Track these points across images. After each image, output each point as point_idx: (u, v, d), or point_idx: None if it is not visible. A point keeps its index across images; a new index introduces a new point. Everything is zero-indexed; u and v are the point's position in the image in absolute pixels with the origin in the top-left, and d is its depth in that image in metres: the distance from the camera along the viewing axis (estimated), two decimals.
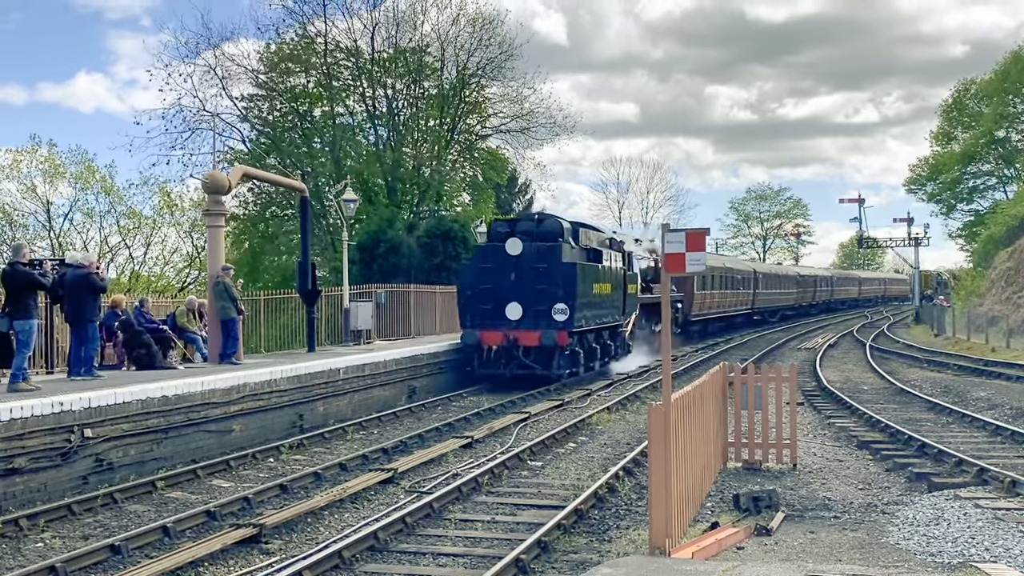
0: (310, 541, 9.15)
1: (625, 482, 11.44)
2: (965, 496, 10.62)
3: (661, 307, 8.84)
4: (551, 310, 21.68)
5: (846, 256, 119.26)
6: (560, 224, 23.08)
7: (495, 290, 22.05)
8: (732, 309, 45.67)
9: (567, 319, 21.65)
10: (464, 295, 22.94)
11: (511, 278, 21.95)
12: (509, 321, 21.91)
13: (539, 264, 21.86)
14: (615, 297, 25.38)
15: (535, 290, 21.77)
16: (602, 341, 25.12)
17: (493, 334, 22.01)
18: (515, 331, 21.85)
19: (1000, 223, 50.05)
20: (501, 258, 22.14)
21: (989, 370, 25.74)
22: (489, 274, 22.21)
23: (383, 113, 40.00)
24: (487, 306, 22.06)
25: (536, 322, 21.78)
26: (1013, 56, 62.55)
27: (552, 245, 22.12)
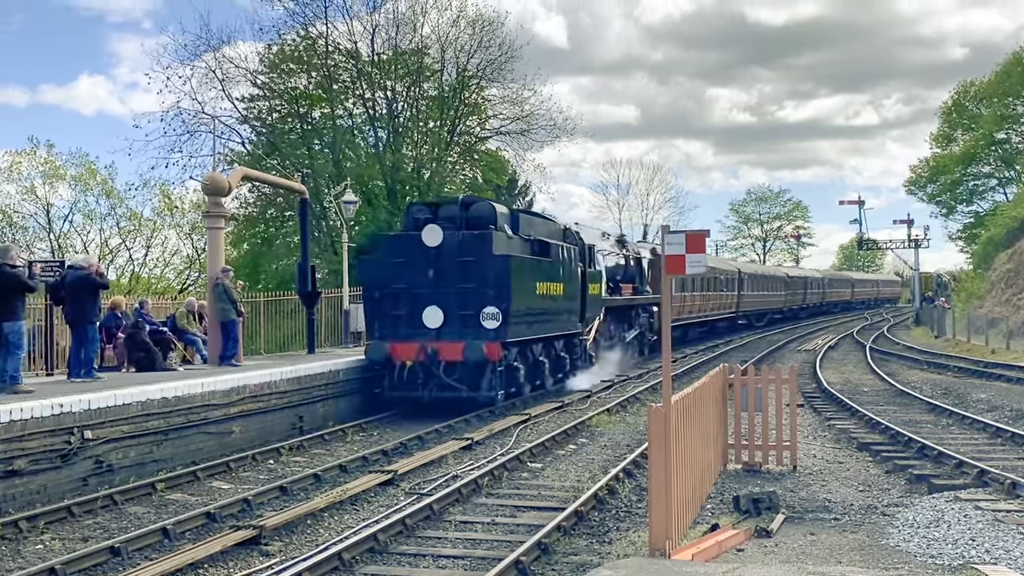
0: (310, 543, 9.14)
1: (625, 484, 11.43)
2: (965, 498, 10.62)
3: (662, 309, 8.84)
4: (480, 315, 17.52)
5: (846, 258, 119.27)
6: (493, 208, 19.08)
7: (409, 291, 17.88)
8: (714, 313, 42.51)
9: (500, 327, 17.49)
10: (370, 298, 18.59)
11: (429, 276, 17.76)
12: (427, 330, 17.70)
13: (465, 257, 17.69)
14: (570, 299, 21.24)
15: (460, 291, 17.64)
16: (553, 353, 21.03)
17: (407, 347, 17.67)
18: (435, 342, 17.58)
19: (1000, 225, 50.05)
20: (416, 250, 17.87)
21: (989, 372, 25.74)
22: (402, 271, 17.94)
23: (383, 115, 40.00)
24: (399, 312, 17.91)
25: (461, 331, 17.60)
26: (1013, 57, 62.56)
27: (481, 234, 17.85)
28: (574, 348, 22.28)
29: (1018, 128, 64.39)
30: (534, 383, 20.01)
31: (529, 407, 18.41)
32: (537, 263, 19.48)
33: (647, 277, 30.87)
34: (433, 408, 17.59)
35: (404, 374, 17.79)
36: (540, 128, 41.61)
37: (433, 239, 17.82)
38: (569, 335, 21.73)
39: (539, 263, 19.57)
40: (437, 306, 17.71)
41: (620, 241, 29.35)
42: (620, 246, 28.78)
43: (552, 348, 20.90)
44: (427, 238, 17.88)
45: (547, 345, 20.51)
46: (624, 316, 27.57)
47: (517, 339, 18.29)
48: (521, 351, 18.89)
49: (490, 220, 18.54)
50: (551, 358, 20.88)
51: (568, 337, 21.72)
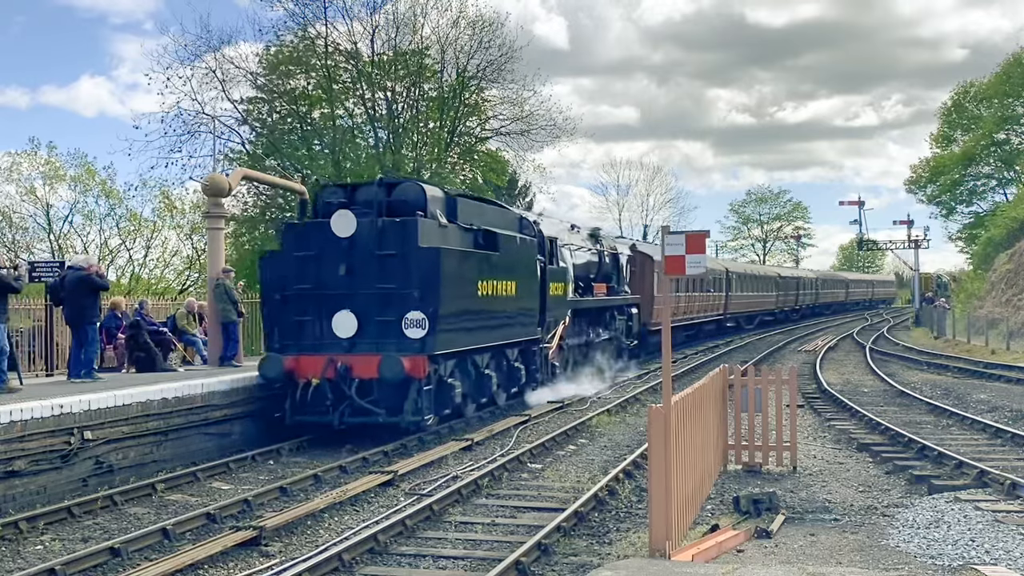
0: (310, 543, 9.14)
1: (625, 484, 11.43)
2: (965, 498, 10.62)
3: (661, 310, 8.83)
4: (402, 322, 14.42)
5: (846, 259, 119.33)
6: (421, 190, 15.61)
7: (316, 293, 14.79)
8: (701, 315, 39.63)
9: (427, 336, 14.35)
10: (269, 301, 15.27)
11: (340, 273, 14.65)
12: (337, 341, 14.62)
13: (384, 251, 14.57)
14: (525, 300, 18.17)
15: (378, 292, 14.52)
16: (505, 364, 17.83)
17: (311, 361, 14.52)
18: (346, 356, 14.43)
19: (1000, 225, 50.09)
20: (325, 242, 14.74)
21: (989, 372, 25.75)
22: (306, 268, 14.86)
23: (383, 115, 40.00)
24: (304, 317, 14.84)
25: (379, 342, 14.47)
26: (1014, 58, 62.59)
27: (404, 222, 14.67)
28: (532, 357, 19.06)
29: (1018, 129, 64.41)
30: (479, 401, 17.03)
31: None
32: (480, 258, 16.25)
33: (625, 276, 28.03)
34: (350, 435, 14.63)
35: (309, 395, 14.51)
36: (540, 129, 41.61)
37: (345, 228, 14.63)
38: (525, 342, 18.55)
39: (483, 258, 16.32)
40: (350, 311, 14.56)
41: (593, 235, 25.57)
42: (593, 241, 25.22)
43: (503, 358, 17.72)
44: (337, 227, 14.65)
45: (496, 355, 17.34)
46: (597, 319, 24.45)
47: (451, 350, 15.13)
48: (459, 364, 15.79)
49: (418, 205, 15.21)
50: (502, 370, 17.70)
51: (524, 344, 18.54)
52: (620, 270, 27.26)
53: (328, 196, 16.02)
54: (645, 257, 31.25)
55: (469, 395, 16.49)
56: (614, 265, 26.56)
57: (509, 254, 17.44)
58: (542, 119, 41.43)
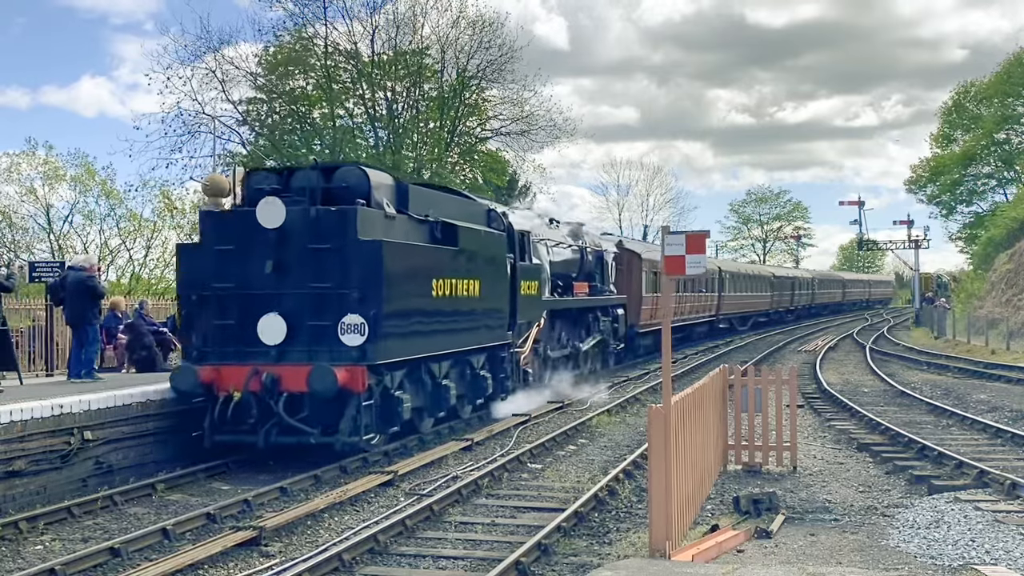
0: (310, 543, 9.14)
1: (625, 485, 11.43)
2: (965, 499, 10.62)
3: (661, 309, 8.83)
4: (338, 327, 12.52)
5: (846, 259, 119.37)
6: (364, 176, 13.57)
7: (239, 293, 12.91)
8: (692, 316, 37.86)
9: (367, 342, 12.44)
10: (186, 302, 13.34)
11: (266, 271, 12.73)
12: (264, 348, 12.68)
13: (318, 244, 12.67)
14: (492, 301, 16.49)
15: (311, 292, 12.67)
16: (468, 374, 16.03)
17: (233, 372, 12.58)
18: (273, 366, 12.49)
19: (1000, 225, 50.09)
20: (250, 234, 12.77)
21: (989, 372, 25.75)
22: (228, 264, 12.94)
23: (383, 115, 40.02)
24: (225, 321, 12.91)
25: (312, 349, 12.60)
26: (1015, 58, 62.59)
27: (342, 211, 12.76)
28: (501, 364, 17.27)
29: (1018, 128, 64.42)
30: (437, 415, 15.08)
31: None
32: (437, 253, 14.59)
33: (610, 275, 26.30)
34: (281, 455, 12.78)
35: (230, 410, 12.53)
36: (540, 129, 41.67)
37: (272, 218, 12.61)
38: (493, 347, 16.81)
39: (440, 253, 14.66)
40: (278, 314, 12.64)
41: (575, 231, 23.89)
42: (574, 237, 23.58)
43: (466, 366, 15.93)
44: (264, 216, 12.62)
45: (458, 363, 15.55)
46: (578, 321, 22.77)
47: (399, 358, 13.29)
48: (411, 374, 13.88)
49: (360, 192, 13.27)
50: (465, 380, 15.92)
51: (492, 350, 16.83)
52: (605, 268, 25.67)
53: (258, 181, 13.81)
54: (632, 255, 30.06)
55: (425, 408, 14.63)
56: (598, 263, 25.10)
57: (472, 249, 15.68)
58: (542, 119, 41.51)
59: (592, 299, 23.72)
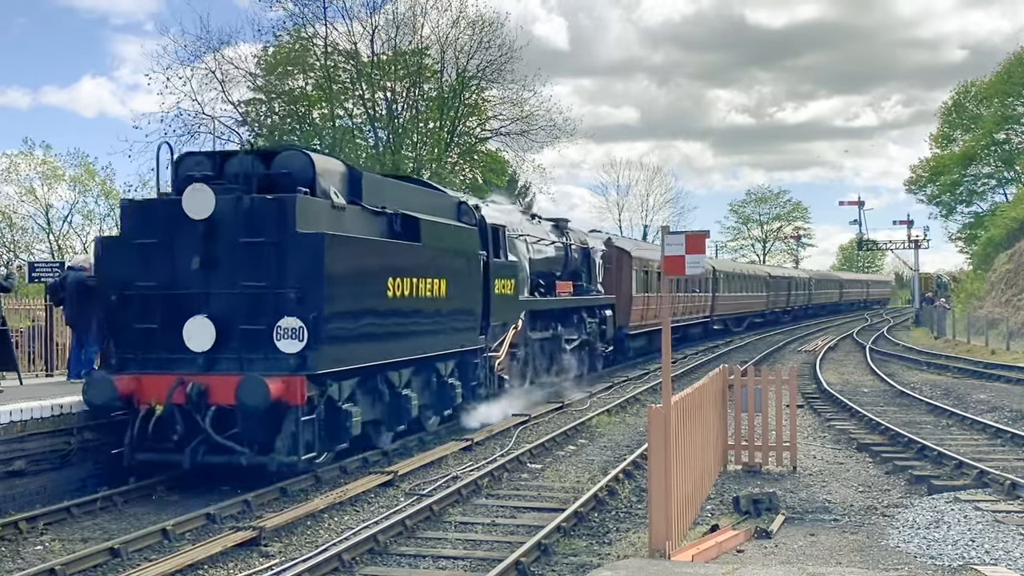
0: (310, 544, 9.14)
1: (625, 485, 11.43)
2: (965, 499, 10.62)
3: (661, 310, 8.83)
4: (273, 332, 11.06)
5: (846, 259, 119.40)
6: (308, 161, 12.16)
7: (163, 292, 11.47)
8: (685, 317, 36.15)
9: (307, 348, 11.02)
10: (105, 303, 11.92)
11: (193, 267, 11.37)
12: (190, 355, 11.26)
13: (252, 237, 11.25)
14: (462, 301, 15.15)
15: (245, 292, 11.26)
16: (434, 382, 14.75)
17: (155, 382, 11.19)
18: (201, 376, 11.09)
19: (1000, 225, 50.09)
20: (176, 226, 11.42)
21: (989, 372, 25.76)
22: (153, 259, 11.53)
23: (383, 116, 40.02)
24: (147, 324, 11.46)
25: (245, 357, 11.19)
26: (1015, 58, 62.58)
27: (279, 200, 11.35)
28: (473, 370, 15.91)
29: (1018, 128, 64.43)
30: (397, 428, 13.66)
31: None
32: (393, 249, 13.09)
33: (598, 274, 25.11)
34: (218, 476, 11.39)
35: (152, 425, 11.10)
36: (540, 129, 41.64)
37: (200, 207, 11.20)
38: (463, 352, 15.47)
39: (397, 249, 13.17)
40: (207, 316, 11.21)
41: (558, 227, 22.62)
42: (558, 233, 22.31)
43: (431, 374, 14.60)
44: (191, 205, 11.21)
45: (421, 370, 14.16)
46: (562, 322, 21.44)
47: (346, 366, 11.80)
48: (363, 384, 12.45)
49: (303, 179, 11.86)
50: (430, 388, 14.63)
51: (461, 355, 15.48)
52: (592, 267, 24.50)
53: (189, 167, 12.28)
54: (621, 252, 28.68)
55: (382, 421, 13.29)
56: (584, 261, 23.99)
57: (438, 245, 14.29)
58: (542, 119, 41.48)
59: (576, 299, 22.53)
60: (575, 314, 22.53)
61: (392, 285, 12.85)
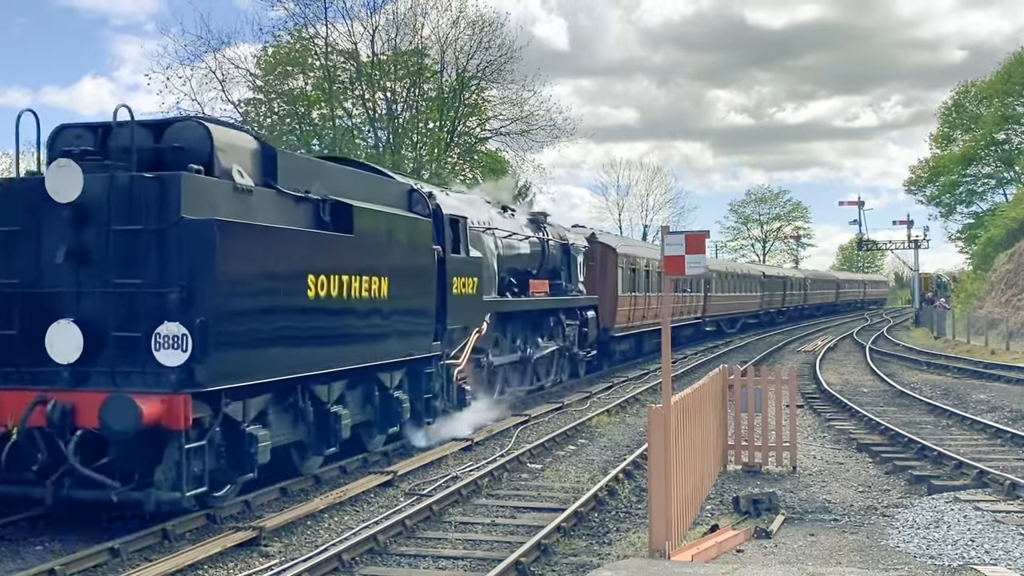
0: (309, 544, 9.14)
1: (625, 485, 11.44)
2: (965, 499, 10.63)
3: (661, 310, 8.83)
4: (151, 338, 9.09)
5: (846, 259, 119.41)
6: (206, 134, 10.18)
7: (22, 291, 9.60)
8: (676, 318, 34.15)
9: (193, 360, 9.04)
10: None
11: (58, 261, 9.42)
12: (55, 368, 9.32)
13: (126, 225, 9.37)
14: (410, 302, 13.14)
15: (116, 291, 9.35)
16: (376, 396, 12.61)
17: (12, 399, 9.20)
18: (66, 393, 9.14)
19: (999, 225, 50.11)
20: (38, 212, 9.56)
21: (989, 373, 25.77)
22: (11, 251, 9.69)
23: (383, 116, 40.03)
24: (3, 330, 9.60)
25: (119, 370, 9.25)
26: (1015, 58, 62.59)
27: (161, 179, 9.44)
28: (426, 380, 13.82)
29: (1018, 129, 64.44)
30: (325, 451, 11.42)
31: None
32: (317, 241, 11.00)
33: (579, 272, 23.24)
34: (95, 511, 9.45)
35: (6, 452, 9.09)
36: (540, 129, 41.68)
37: (66, 188, 9.30)
38: (413, 361, 13.39)
39: (322, 241, 11.11)
40: (73, 321, 9.26)
41: (535, 221, 20.82)
42: (535, 228, 20.51)
43: (372, 386, 12.51)
44: (55, 186, 9.33)
45: (359, 383, 12.11)
46: (536, 325, 19.70)
47: (249, 381, 9.73)
48: (278, 401, 10.41)
49: (198, 155, 9.98)
50: (371, 403, 12.54)
51: (411, 364, 13.42)
52: (572, 264, 22.69)
53: (68, 141, 10.28)
54: (606, 249, 26.94)
55: (308, 445, 11.11)
56: (564, 258, 22.20)
57: (378, 237, 12.29)
58: (542, 119, 41.52)
59: (552, 299, 20.65)
60: (552, 316, 20.90)
61: (314, 284, 10.69)
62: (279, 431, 10.55)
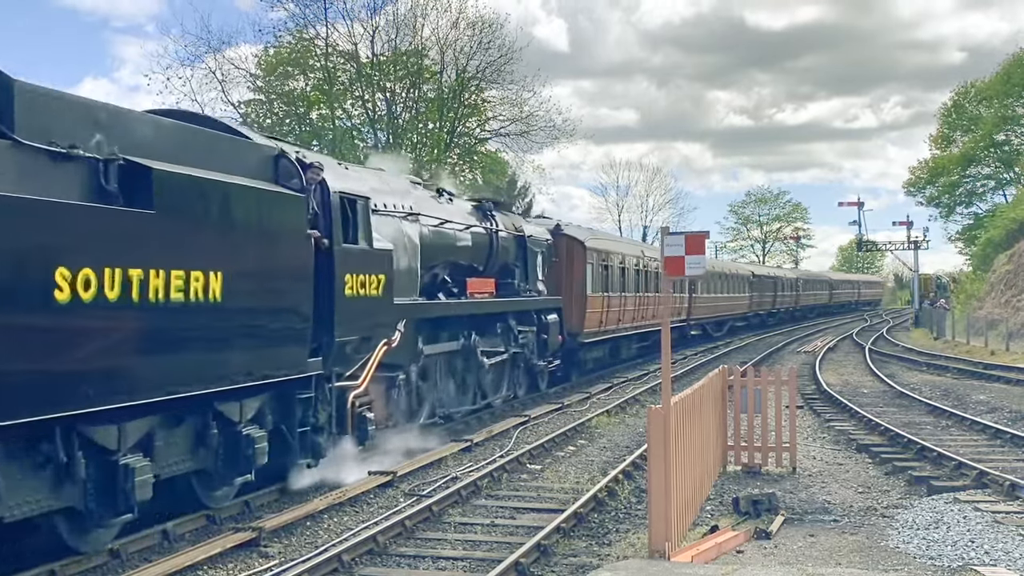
0: (309, 545, 9.14)
1: (624, 485, 11.44)
2: (965, 499, 10.63)
3: (660, 311, 8.82)
4: None
5: (845, 259, 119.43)
6: None
7: None
8: (656, 321, 29.66)
9: None
10: None
11: None
12: None
13: None
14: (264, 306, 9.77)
15: None
16: (216, 435, 9.35)
17: None
18: None
19: (999, 226, 50.09)
20: None
21: (989, 373, 25.76)
22: None
23: (382, 116, 40.03)
24: None
25: None
26: (1014, 59, 62.59)
27: None
28: (303, 410, 10.68)
29: (1018, 130, 64.44)
30: (107, 522, 8.07)
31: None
32: (73, 217, 7.46)
33: (538, 268, 20.14)
34: None
35: None
36: (539, 129, 41.68)
37: None
38: (277, 385, 10.17)
39: (85, 218, 7.60)
40: None
41: (481, 209, 17.83)
42: (480, 216, 17.52)
43: (208, 421, 9.28)
44: None
45: (181, 418, 8.95)
46: (479, 333, 16.68)
47: None
48: (28, 452, 7.29)
49: None
50: (207, 445, 9.32)
51: (276, 390, 10.24)
52: (530, 260, 19.58)
53: None
54: (573, 243, 23.23)
55: (87, 512, 7.86)
56: (519, 253, 19.18)
57: (198, 217, 8.78)
58: (541, 120, 41.51)
59: (497, 301, 17.65)
60: (499, 321, 17.76)
61: (65, 280, 7.19)
62: (35, 495, 7.37)
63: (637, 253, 29.52)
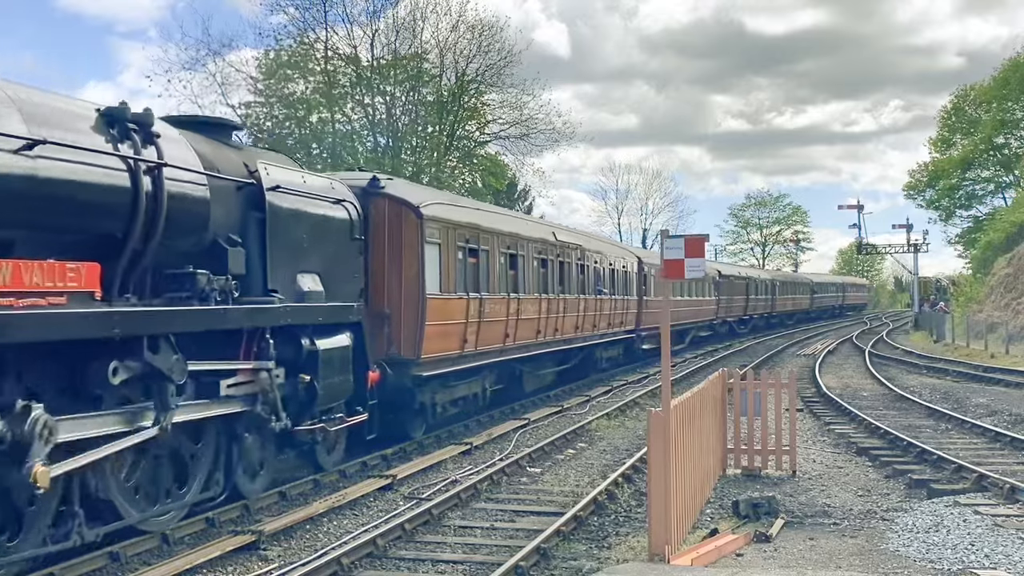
0: (309, 548, 9.13)
1: (624, 489, 11.43)
2: (964, 503, 10.62)
3: (660, 314, 8.80)
4: None
5: (845, 262, 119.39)
6: None
7: None
8: (593, 334, 23.69)
9: None
10: None
11: None
12: None
13: None
14: None
15: None
16: None
17: None
18: None
19: (999, 229, 50.07)
20: None
21: (988, 376, 25.76)
22: None
23: (382, 120, 40.04)
24: None
25: None
26: (1012, 63, 62.61)
27: None
28: None
29: (1017, 133, 64.44)
30: None
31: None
32: None
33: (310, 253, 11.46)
34: None
35: None
36: (539, 132, 41.72)
37: None
38: None
39: None
40: None
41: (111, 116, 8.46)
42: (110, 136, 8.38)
43: None
44: None
45: None
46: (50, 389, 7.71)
47: None
48: None
49: None
50: None
51: None
52: (273, 235, 10.55)
53: None
54: (400, 209, 14.17)
55: None
56: (245, 218, 10.39)
57: None
58: (541, 123, 41.55)
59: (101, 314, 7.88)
60: (123, 356, 8.24)
61: None
62: None
63: (541, 235, 20.02)
